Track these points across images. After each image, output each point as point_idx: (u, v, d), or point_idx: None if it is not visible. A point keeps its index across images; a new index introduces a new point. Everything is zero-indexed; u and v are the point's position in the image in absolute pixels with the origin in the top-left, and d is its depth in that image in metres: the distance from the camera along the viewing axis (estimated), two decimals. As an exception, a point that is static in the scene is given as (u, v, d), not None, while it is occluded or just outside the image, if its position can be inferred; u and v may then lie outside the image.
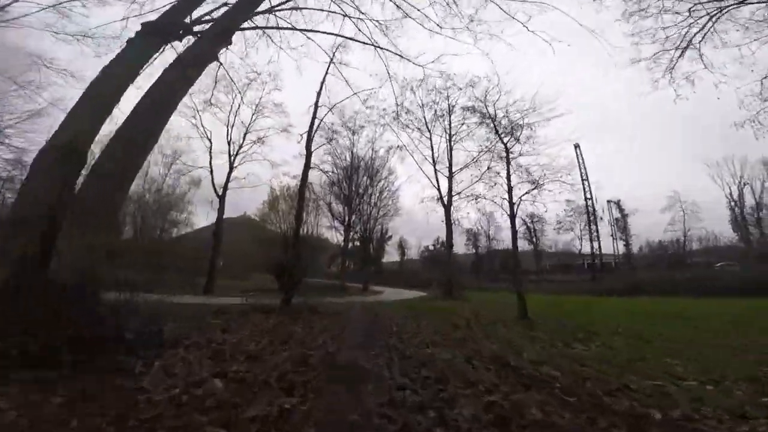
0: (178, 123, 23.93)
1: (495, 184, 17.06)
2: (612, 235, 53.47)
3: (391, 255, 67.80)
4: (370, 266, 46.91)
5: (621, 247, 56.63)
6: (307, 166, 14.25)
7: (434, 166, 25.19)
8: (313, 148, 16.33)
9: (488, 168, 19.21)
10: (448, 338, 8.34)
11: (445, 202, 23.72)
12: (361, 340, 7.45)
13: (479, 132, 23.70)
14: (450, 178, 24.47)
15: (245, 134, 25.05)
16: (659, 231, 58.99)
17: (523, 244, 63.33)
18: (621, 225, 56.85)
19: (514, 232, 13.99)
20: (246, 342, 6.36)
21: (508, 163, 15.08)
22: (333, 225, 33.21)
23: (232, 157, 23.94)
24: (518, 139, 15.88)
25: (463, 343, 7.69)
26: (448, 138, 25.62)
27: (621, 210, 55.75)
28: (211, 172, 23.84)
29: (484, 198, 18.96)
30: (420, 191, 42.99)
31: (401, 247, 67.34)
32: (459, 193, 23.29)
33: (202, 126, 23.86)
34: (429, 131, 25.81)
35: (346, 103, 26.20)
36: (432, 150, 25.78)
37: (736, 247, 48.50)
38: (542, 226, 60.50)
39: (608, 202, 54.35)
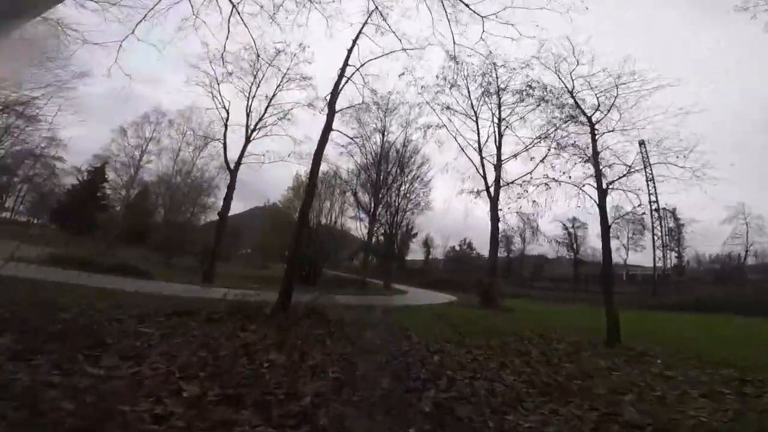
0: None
1: (575, 163, 12.97)
2: (664, 246, 47.46)
3: (415, 253, 64.01)
4: (393, 263, 43.41)
5: (672, 259, 50.69)
6: (328, 128, 10.86)
7: (480, 153, 21.31)
8: (339, 114, 13.47)
9: (559, 147, 15.11)
10: (532, 382, 4.74)
11: (492, 194, 19.84)
12: (385, 390, 3.96)
13: (533, 117, 19.74)
14: (498, 167, 20.55)
15: (267, 106, 22.10)
16: (713, 244, 52.33)
17: (561, 251, 58.28)
18: (675, 236, 50.79)
19: (606, 229, 10.08)
20: (138, 395, 2.98)
21: (594, 142, 11.27)
22: (358, 215, 29.88)
23: (250, 130, 21.00)
24: (608, 110, 11.91)
25: (567, 392, 4.11)
26: (497, 122, 21.66)
27: (676, 219, 49.62)
28: (225, 145, 21.05)
29: (559, 183, 14.71)
30: (456, 183, 38.67)
31: (426, 245, 63.30)
32: (512, 182, 19.36)
33: (220, 95, 21.08)
34: (475, 113, 21.96)
35: (379, 79, 22.91)
36: (478, 134, 21.92)
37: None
38: (585, 231, 55.39)
39: (663, 209, 48.33)
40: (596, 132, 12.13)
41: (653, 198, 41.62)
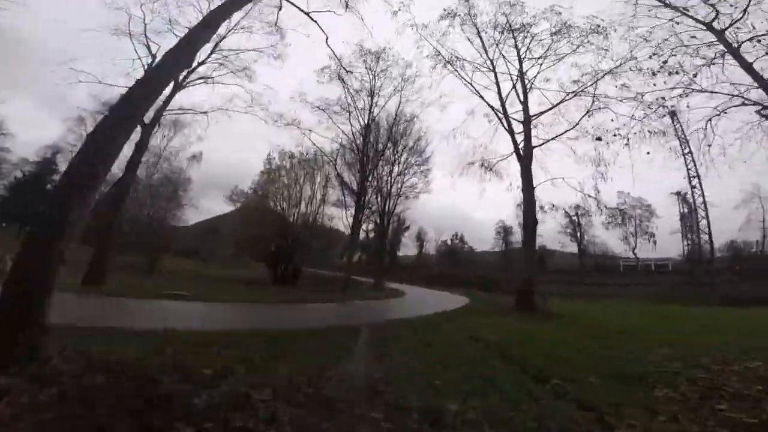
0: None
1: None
2: (684, 234, 42.81)
3: (406, 247, 58.49)
4: (384, 258, 37.71)
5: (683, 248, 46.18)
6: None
7: (503, 105, 15.66)
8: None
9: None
10: None
11: (522, 153, 14.21)
12: None
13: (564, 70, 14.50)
14: (528, 122, 14.95)
15: (213, 49, 16.21)
16: (728, 230, 48.15)
17: (565, 240, 53.20)
18: (688, 222, 46.21)
19: None
20: None
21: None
22: (344, 202, 24.09)
23: (181, 75, 15.04)
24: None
25: None
26: (518, 74, 16.10)
27: (688, 204, 44.96)
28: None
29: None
30: (457, 161, 32.96)
31: (420, 238, 57.82)
32: (556, 137, 13.87)
33: (145, 35, 15.06)
34: (492, 63, 16.39)
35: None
36: (498, 86, 16.28)
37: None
38: (590, 218, 50.47)
39: (677, 194, 43.62)
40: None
41: (694, 173, 36.02)
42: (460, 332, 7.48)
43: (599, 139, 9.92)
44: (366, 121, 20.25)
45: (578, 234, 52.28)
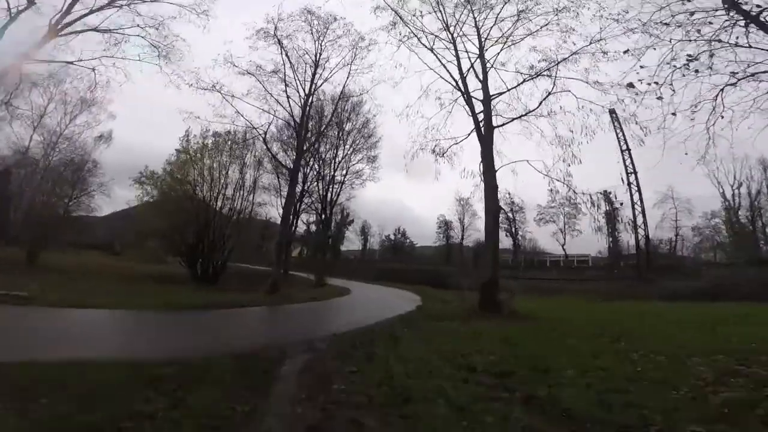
0: None
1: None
2: (609, 231, 45.72)
3: (351, 242, 55.74)
4: (325, 253, 34.73)
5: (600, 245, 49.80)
6: None
7: (463, 81, 13.70)
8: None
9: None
10: None
11: (483, 132, 12.34)
12: None
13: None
14: (487, 101, 13.16)
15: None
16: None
17: (500, 235, 54.49)
18: (611, 219, 49.81)
19: None
20: None
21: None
22: (278, 186, 20.56)
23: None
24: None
25: None
26: (478, 50, 14.33)
27: (611, 202, 48.38)
28: None
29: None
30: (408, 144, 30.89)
31: (364, 233, 55.32)
32: (525, 115, 12.13)
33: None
34: (452, 36, 14.36)
35: None
36: (458, 58, 14.27)
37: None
38: (524, 215, 52.18)
39: (603, 192, 46.50)
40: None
41: (631, 169, 37.33)
42: (434, 352, 5.13)
43: (631, 85, 8.16)
44: (306, 92, 17.06)
45: (513, 229, 53.78)
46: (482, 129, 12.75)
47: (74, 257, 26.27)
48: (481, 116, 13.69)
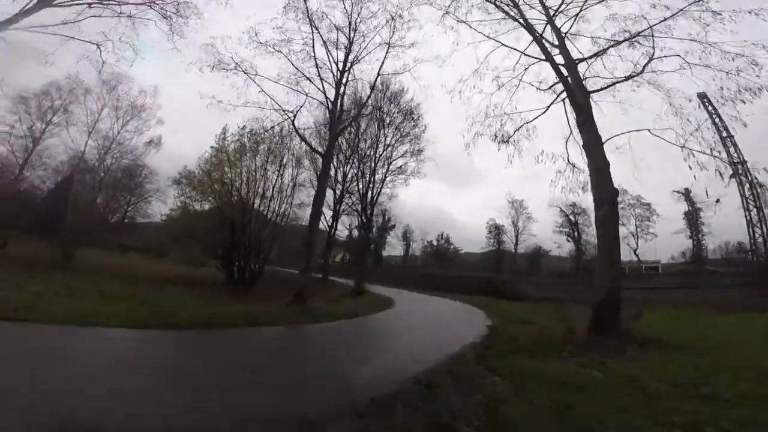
0: None
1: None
2: (691, 235, 38.80)
3: (393, 247, 52.85)
4: (366, 258, 32.04)
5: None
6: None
7: (539, 38, 10.36)
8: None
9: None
10: None
11: (577, 98, 8.77)
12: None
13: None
14: (571, 65, 9.67)
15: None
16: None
17: (560, 240, 48.85)
18: (692, 220, 42.36)
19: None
20: None
21: None
22: (315, 177, 18.22)
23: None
24: None
25: None
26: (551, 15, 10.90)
27: (692, 201, 41.05)
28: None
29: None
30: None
31: (406, 238, 52.09)
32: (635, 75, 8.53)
33: None
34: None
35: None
36: (521, 14, 10.97)
37: None
38: (586, 218, 46.00)
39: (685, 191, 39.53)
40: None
41: (738, 158, 30.43)
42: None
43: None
44: (339, 70, 14.46)
45: (575, 233, 47.65)
46: (575, 96, 9.24)
47: (114, 259, 25.87)
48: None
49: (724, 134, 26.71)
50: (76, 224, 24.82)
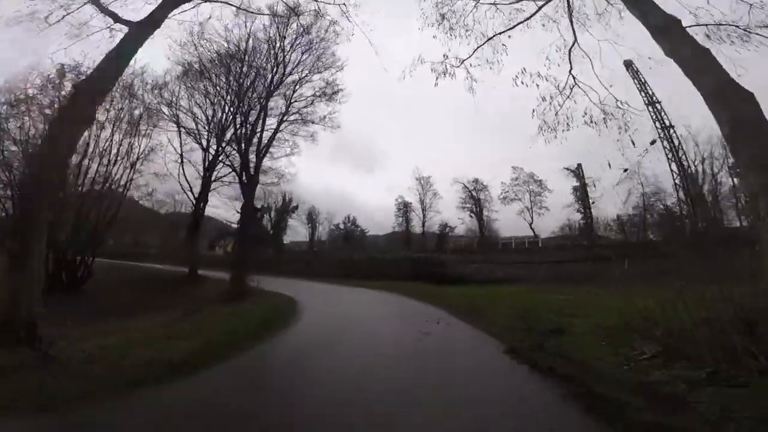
0: None
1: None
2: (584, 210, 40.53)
3: (296, 232, 45.18)
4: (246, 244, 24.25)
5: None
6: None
7: None
8: None
9: None
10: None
11: None
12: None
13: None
14: None
15: None
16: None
17: (465, 217, 47.96)
18: (580, 195, 45.07)
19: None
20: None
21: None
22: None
23: None
24: None
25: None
26: None
27: (580, 176, 43.52)
28: None
29: None
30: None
31: (311, 220, 44.74)
32: None
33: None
34: None
35: None
36: None
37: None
38: (487, 194, 45.65)
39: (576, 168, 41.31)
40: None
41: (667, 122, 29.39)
42: None
43: None
44: None
45: (477, 209, 46.92)
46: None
47: None
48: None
49: (653, 99, 26.42)
50: None
